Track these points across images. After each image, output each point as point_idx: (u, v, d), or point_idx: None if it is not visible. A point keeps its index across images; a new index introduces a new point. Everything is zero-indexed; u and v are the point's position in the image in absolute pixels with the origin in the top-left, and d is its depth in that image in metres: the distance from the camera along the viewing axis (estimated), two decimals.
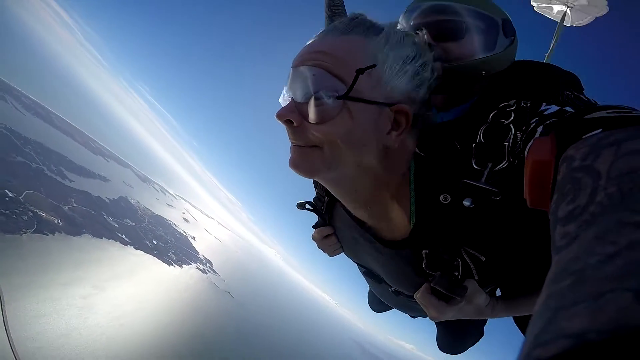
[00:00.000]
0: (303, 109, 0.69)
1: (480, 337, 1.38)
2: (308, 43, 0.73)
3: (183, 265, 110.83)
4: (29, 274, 47.98)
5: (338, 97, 0.65)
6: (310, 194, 1.17)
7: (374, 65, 0.67)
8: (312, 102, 0.67)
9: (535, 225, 0.70)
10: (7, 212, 52.31)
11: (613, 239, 0.23)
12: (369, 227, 0.88)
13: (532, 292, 0.82)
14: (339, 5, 1.43)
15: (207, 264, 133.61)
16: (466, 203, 0.68)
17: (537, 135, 0.54)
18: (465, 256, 0.75)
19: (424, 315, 1.06)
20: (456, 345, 1.38)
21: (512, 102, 0.75)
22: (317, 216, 1.12)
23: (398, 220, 0.80)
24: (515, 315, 0.88)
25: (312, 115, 0.67)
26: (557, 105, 0.64)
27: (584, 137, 0.40)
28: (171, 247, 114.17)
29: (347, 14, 1.41)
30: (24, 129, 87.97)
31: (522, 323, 0.92)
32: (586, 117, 0.44)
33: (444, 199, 0.71)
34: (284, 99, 0.74)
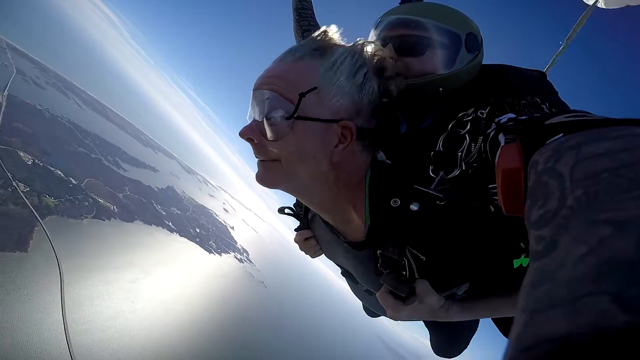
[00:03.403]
0: (262, 128, 0.77)
1: (466, 345, 1.39)
2: (267, 67, 0.81)
3: (222, 254, 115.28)
4: (87, 257, 51.57)
5: (287, 118, 0.73)
6: None
7: (315, 88, 0.74)
8: (266, 122, 0.75)
9: (486, 230, 0.74)
10: (71, 197, 57.24)
11: (585, 238, 0.24)
12: (337, 230, 0.95)
13: (486, 296, 0.86)
14: (307, 9, 1.52)
15: (244, 254, 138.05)
16: (413, 207, 0.74)
17: (502, 143, 0.55)
18: (408, 255, 0.80)
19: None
20: (450, 349, 1.38)
21: (470, 111, 0.79)
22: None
23: (356, 224, 0.87)
24: (471, 318, 0.90)
25: (268, 133, 0.76)
26: (513, 114, 0.67)
27: (547, 142, 0.42)
28: (212, 235, 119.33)
29: (315, 16, 1.53)
30: (84, 123, 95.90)
31: (500, 324, 0.97)
32: (547, 122, 0.47)
33: (394, 203, 0.77)
34: (249, 119, 0.82)
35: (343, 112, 0.77)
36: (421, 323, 1.28)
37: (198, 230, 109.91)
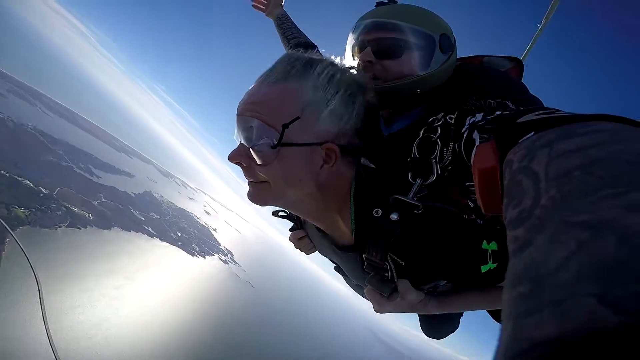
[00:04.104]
0: (249, 153, 0.80)
1: (457, 326, 1.44)
2: (249, 90, 0.84)
3: (206, 256, 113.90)
4: (65, 266, 50.32)
5: (272, 147, 0.76)
6: None
7: (297, 118, 0.77)
8: (252, 150, 0.79)
9: (460, 231, 0.79)
10: (43, 207, 55.06)
11: (562, 241, 0.24)
12: (327, 234, 1.01)
13: (461, 292, 0.93)
14: (287, 22, 1.76)
15: (229, 255, 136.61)
16: (393, 217, 0.78)
17: (476, 142, 0.56)
18: (389, 260, 0.86)
19: None
20: (439, 330, 1.43)
21: (440, 116, 0.82)
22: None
23: (344, 231, 0.93)
24: (448, 312, 0.96)
25: (255, 159, 0.79)
26: (481, 114, 0.69)
27: (520, 141, 0.43)
28: (194, 238, 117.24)
29: (298, 27, 1.74)
30: (51, 130, 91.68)
31: (495, 314, 1.01)
32: (518, 121, 0.48)
33: (376, 213, 0.81)
34: (236, 139, 0.85)
35: (326, 134, 0.80)
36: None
37: (179, 234, 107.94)
